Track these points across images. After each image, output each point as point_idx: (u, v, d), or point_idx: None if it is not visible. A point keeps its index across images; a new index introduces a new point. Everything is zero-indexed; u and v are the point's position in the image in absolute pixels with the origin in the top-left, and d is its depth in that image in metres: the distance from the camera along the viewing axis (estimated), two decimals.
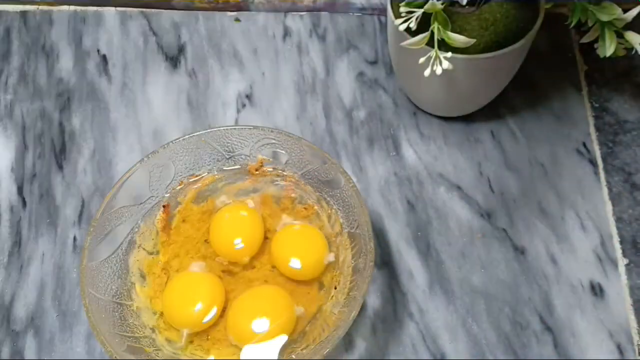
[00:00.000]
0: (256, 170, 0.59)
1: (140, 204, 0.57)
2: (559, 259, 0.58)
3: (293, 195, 0.58)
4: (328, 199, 0.57)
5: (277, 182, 0.59)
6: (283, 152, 0.58)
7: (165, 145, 0.57)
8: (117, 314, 0.52)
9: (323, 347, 0.49)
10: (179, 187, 0.58)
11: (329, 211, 0.57)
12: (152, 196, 0.57)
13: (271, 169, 0.59)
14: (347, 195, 0.55)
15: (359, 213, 0.53)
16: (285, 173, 0.58)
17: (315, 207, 0.57)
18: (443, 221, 0.60)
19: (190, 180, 0.59)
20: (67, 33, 0.72)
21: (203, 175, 0.59)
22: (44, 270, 0.58)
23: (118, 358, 0.48)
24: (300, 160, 0.57)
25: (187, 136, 0.57)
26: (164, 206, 0.57)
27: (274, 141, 0.57)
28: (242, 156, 0.59)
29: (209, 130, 0.57)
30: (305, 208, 0.58)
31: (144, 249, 0.56)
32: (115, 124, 0.66)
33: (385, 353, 0.54)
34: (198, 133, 0.57)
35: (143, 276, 0.55)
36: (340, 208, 0.56)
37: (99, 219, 0.53)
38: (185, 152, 0.58)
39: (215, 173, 0.59)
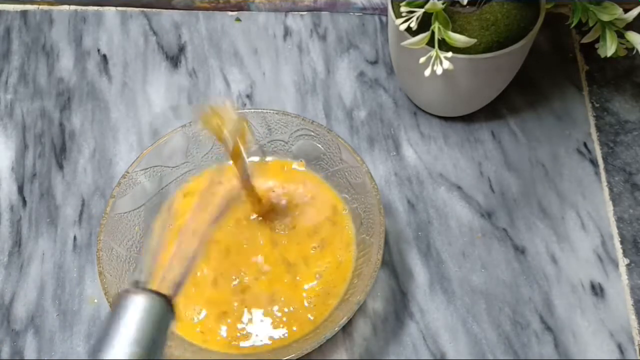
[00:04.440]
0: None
1: (173, 167, 0.58)
2: (559, 259, 0.58)
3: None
4: (351, 200, 0.57)
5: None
6: (320, 145, 0.58)
7: None
8: (131, 268, 0.54)
9: (308, 345, 0.49)
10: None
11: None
12: (186, 162, 0.59)
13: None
14: (369, 203, 0.55)
15: (377, 222, 0.53)
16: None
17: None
18: (443, 221, 0.60)
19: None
20: (67, 33, 0.72)
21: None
22: (44, 269, 0.58)
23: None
24: (334, 156, 0.58)
25: None
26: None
27: (312, 134, 0.58)
28: (281, 142, 0.59)
29: (252, 110, 0.59)
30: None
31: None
32: (115, 124, 0.66)
33: (385, 353, 0.54)
34: (241, 111, 0.59)
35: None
36: (361, 212, 0.56)
37: (130, 173, 0.56)
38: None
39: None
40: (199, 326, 0.53)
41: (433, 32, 0.53)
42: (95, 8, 0.73)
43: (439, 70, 0.53)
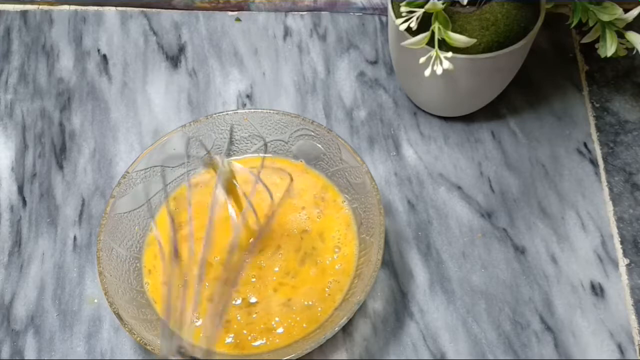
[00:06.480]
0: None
1: (173, 167, 0.59)
2: (559, 259, 0.58)
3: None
4: (351, 200, 0.57)
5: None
6: (320, 145, 0.58)
7: (209, 117, 0.59)
8: (131, 268, 0.54)
9: (308, 345, 0.49)
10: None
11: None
12: (186, 162, 0.59)
13: None
14: (369, 203, 0.55)
15: (377, 223, 0.53)
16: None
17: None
18: (443, 221, 0.60)
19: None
20: (67, 33, 0.72)
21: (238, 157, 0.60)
22: (44, 269, 0.58)
23: (117, 310, 0.50)
24: (334, 156, 0.58)
25: (230, 111, 0.59)
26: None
27: (312, 134, 0.58)
28: (281, 142, 0.59)
29: (252, 110, 0.59)
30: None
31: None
32: (115, 124, 0.66)
33: (385, 353, 0.54)
34: (242, 111, 0.59)
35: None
36: (361, 212, 0.56)
37: (131, 173, 0.56)
38: (226, 126, 0.59)
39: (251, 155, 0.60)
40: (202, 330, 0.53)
41: (433, 32, 0.53)
42: (95, 8, 0.73)
43: (439, 70, 0.53)
